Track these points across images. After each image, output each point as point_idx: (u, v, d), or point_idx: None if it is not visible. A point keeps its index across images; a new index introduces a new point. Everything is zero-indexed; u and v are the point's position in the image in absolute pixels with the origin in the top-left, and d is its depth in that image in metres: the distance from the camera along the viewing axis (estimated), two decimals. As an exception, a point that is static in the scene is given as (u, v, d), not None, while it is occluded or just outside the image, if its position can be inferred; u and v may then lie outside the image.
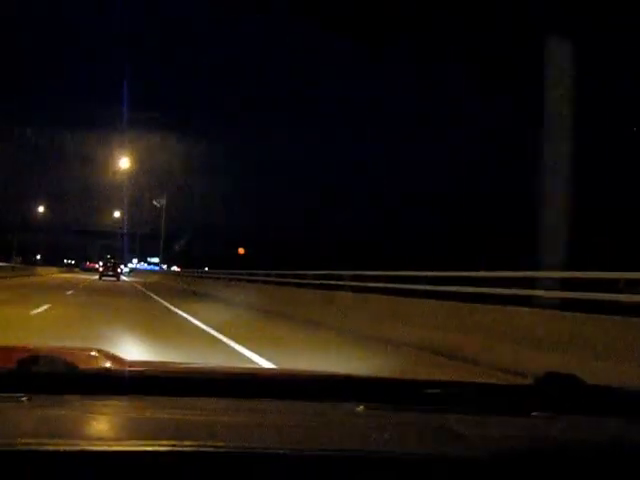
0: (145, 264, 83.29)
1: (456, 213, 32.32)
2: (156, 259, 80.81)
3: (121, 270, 47.35)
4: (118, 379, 1.18)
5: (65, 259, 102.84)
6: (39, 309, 11.73)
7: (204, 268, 37.24)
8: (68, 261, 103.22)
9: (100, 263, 47.99)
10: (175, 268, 54.78)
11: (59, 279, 36.64)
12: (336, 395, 1.21)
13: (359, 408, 1.16)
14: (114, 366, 1.47)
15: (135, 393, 1.12)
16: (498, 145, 33.19)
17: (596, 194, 23.99)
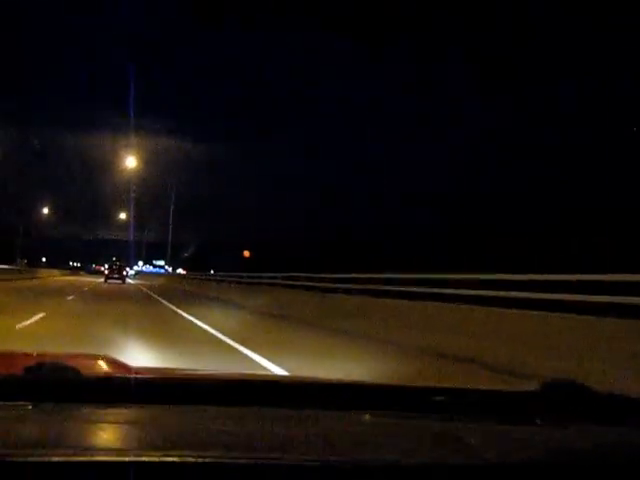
0: (150, 267, 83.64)
1: (456, 213, 32.37)
2: (162, 262, 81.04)
3: (127, 273, 47.48)
4: (124, 386, 1.16)
5: (71, 262, 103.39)
6: (29, 320, 9.89)
7: (210, 271, 37.41)
8: (74, 264, 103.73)
9: (106, 266, 48.10)
10: (180, 271, 55.00)
11: (62, 282, 34.77)
12: (343, 403, 1.21)
13: (365, 416, 1.17)
14: (120, 373, 1.46)
15: (141, 401, 1.11)
16: (498, 145, 33.24)
17: (596, 194, 24.05)
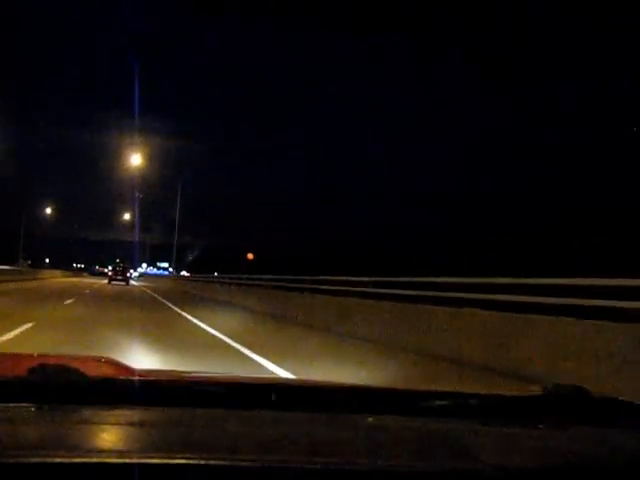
0: (154, 269, 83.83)
1: (456, 213, 32.46)
2: (165, 264, 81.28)
3: (130, 275, 47.61)
4: (128, 388, 1.17)
5: (75, 263, 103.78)
6: (11, 333, 7.90)
7: (213, 273, 37.52)
8: (78, 265, 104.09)
9: (109, 267, 48.29)
10: (184, 273, 55.15)
11: (63, 284, 33.09)
12: (346, 406, 1.21)
13: (368, 420, 1.17)
14: (123, 375, 1.46)
15: (145, 403, 1.11)
16: (498, 145, 33.33)
17: (596, 194, 24.12)
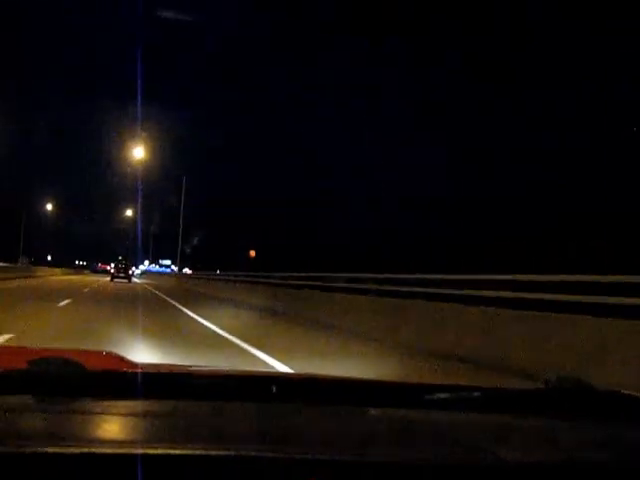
0: (157, 266, 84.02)
1: (454, 217, 32.66)
2: (168, 261, 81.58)
3: (132, 272, 47.87)
4: (129, 381, 1.16)
5: (77, 260, 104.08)
6: None
7: (216, 270, 37.80)
8: (80, 262, 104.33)
9: (112, 265, 48.50)
10: (187, 270, 55.42)
11: (62, 282, 31.50)
12: (347, 399, 1.21)
13: (370, 412, 1.18)
14: (125, 369, 1.46)
15: (147, 395, 1.10)
16: (496, 149, 33.54)
17: (594, 198, 24.31)
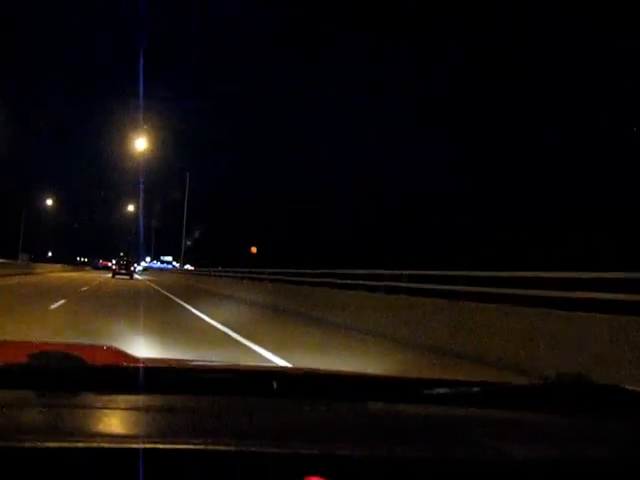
0: (158, 262, 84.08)
1: (456, 213, 32.70)
2: (169, 257, 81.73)
3: (134, 269, 47.89)
4: (130, 376, 1.15)
5: (78, 257, 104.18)
6: None
7: (217, 267, 37.83)
8: (81, 259, 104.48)
9: (113, 261, 48.60)
10: (188, 266, 55.48)
11: (61, 279, 30.34)
12: (347, 394, 1.21)
13: (370, 407, 1.18)
14: (125, 363, 1.45)
15: (148, 389, 1.10)
16: (498, 145, 33.55)
17: (596, 194, 24.35)
